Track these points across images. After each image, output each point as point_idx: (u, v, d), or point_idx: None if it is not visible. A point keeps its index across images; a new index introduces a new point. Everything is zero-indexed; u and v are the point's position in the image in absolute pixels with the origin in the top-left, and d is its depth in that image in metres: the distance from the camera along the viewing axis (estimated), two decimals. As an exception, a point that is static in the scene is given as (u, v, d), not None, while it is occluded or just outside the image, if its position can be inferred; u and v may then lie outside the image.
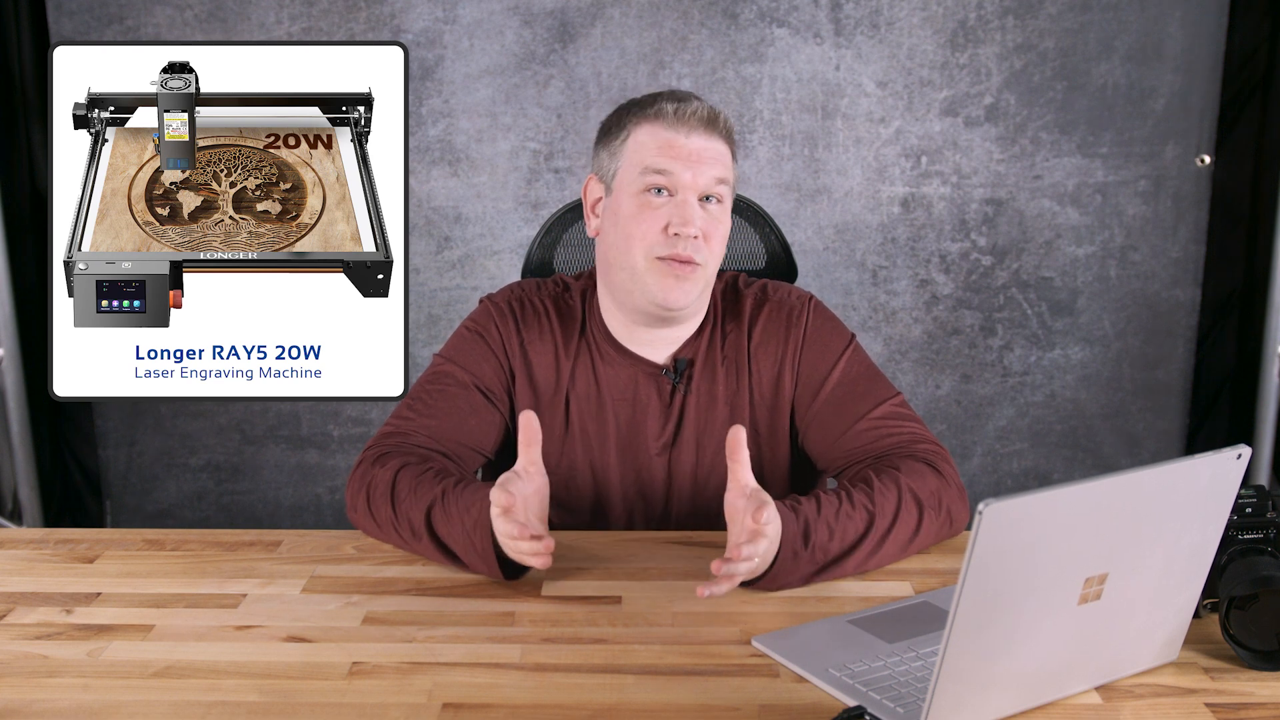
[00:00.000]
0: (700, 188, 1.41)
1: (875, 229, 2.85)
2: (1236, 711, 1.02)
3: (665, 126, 1.42)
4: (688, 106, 1.42)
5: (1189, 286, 2.88)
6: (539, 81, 2.79)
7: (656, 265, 1.41)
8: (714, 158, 1.42)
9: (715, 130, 1.43)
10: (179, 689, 1.07)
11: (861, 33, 2.77)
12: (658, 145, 1.42)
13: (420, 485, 1.33)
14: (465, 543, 1.27)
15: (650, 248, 1.41)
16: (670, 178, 1.41)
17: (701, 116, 1.42)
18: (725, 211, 1.45)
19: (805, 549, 1.24)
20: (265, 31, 2.76)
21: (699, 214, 1.41)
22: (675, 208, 1.41)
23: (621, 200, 1.44)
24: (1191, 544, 1.02)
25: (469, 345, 1.51)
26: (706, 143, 1.42)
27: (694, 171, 1.41)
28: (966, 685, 0.93)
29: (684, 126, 1.42)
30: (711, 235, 1.42)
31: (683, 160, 1.41)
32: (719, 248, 1.44)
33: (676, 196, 1.41)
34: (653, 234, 1.41)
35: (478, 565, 1.28)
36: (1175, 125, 2.80)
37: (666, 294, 1.41)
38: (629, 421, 1.49)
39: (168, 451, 2.97)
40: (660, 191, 1.42)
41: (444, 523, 1.29)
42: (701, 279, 1.43)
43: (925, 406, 2.92)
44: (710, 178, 1.41)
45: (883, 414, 1.45)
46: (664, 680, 1.08)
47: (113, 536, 1.45)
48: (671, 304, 1.42)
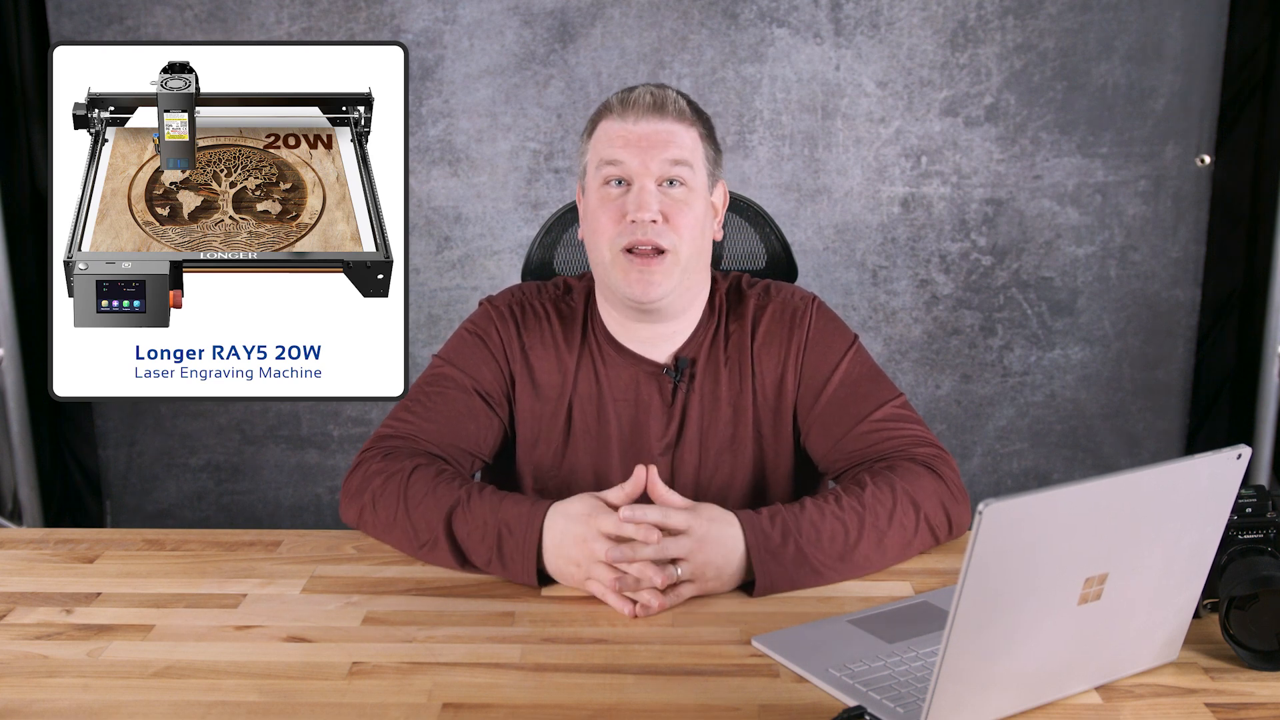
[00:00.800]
0: (655, 172, 1.41)
1: (875, 229, 2.85)
2: (1236, 711, 1.02)
3: (615, 118, 1.43)
4: (632, 94, 1.44)
5: (1189, 286, 2.88)
6: (539, 81, 2.79)
7: (621, 259, 1.42)
8: (665, 140, 1.42)
9: (664, 113, 1.42)
10: (179, 689, 1.07)
11: (861, 33, 2.77)
12: (609, 137, 1.43)
13: (439, 486, 1.33)
14: (493, 546, 1.27)
15: (613, 240, 1.42)
16: (622, 166, 1.42)
17: (647, 103, 1.42)
18: (692, 194, 1.43)
19: (784, 545, 1.24)
20: (265, 31, 2.76)
21: (655, 197, 1.41)
22: (631, 195, 1.41)
23: (589, 198, 1.46)
24: (1191, 544, 1.02)
25: (469, 348, 1.51)
26: (655, 125, 1.42)
27: (643, 157, 1.41)
28: (966, 685, 0.93)
29: (630, 114, 1.42)
30: (674, 216, 1.41)
31: (632, 147, 1.41)
32: (689, 230, 1.42)
33: (634, 185, 1.42)
34: (613, 225, 1.42)
35: (497, 569, 1.28)
36: (1175, 125, 2.80)
37: (632, 288, 1.41)
38: (631, 422, 1.49)
39: (168, 451, 2.97)
40: (619, 183, 1.43)
41: (465, 524, 1.29)
42: (673, 267, 1.42)
43: (925, 407, 2.92)
44: (663, 160, 1.41)
45: (884, 415, 1.44)
46: (664, 680, 1.08)
47: (113, 536, 1.45)
48: (641, 298, 1.42)
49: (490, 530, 1.27)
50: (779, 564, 1.24)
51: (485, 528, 1.28)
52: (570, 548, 1.24)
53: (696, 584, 1.23)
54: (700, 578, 1.23)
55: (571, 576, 1.25)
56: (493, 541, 1.27)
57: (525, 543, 1.25)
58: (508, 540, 1.26)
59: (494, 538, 1.27)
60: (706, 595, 1.25)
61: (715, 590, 1.25)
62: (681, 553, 1.22)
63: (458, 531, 1.29)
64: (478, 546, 1.28)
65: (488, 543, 1.27)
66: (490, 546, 1.27)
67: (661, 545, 1.21)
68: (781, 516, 1.26)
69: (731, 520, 1.25)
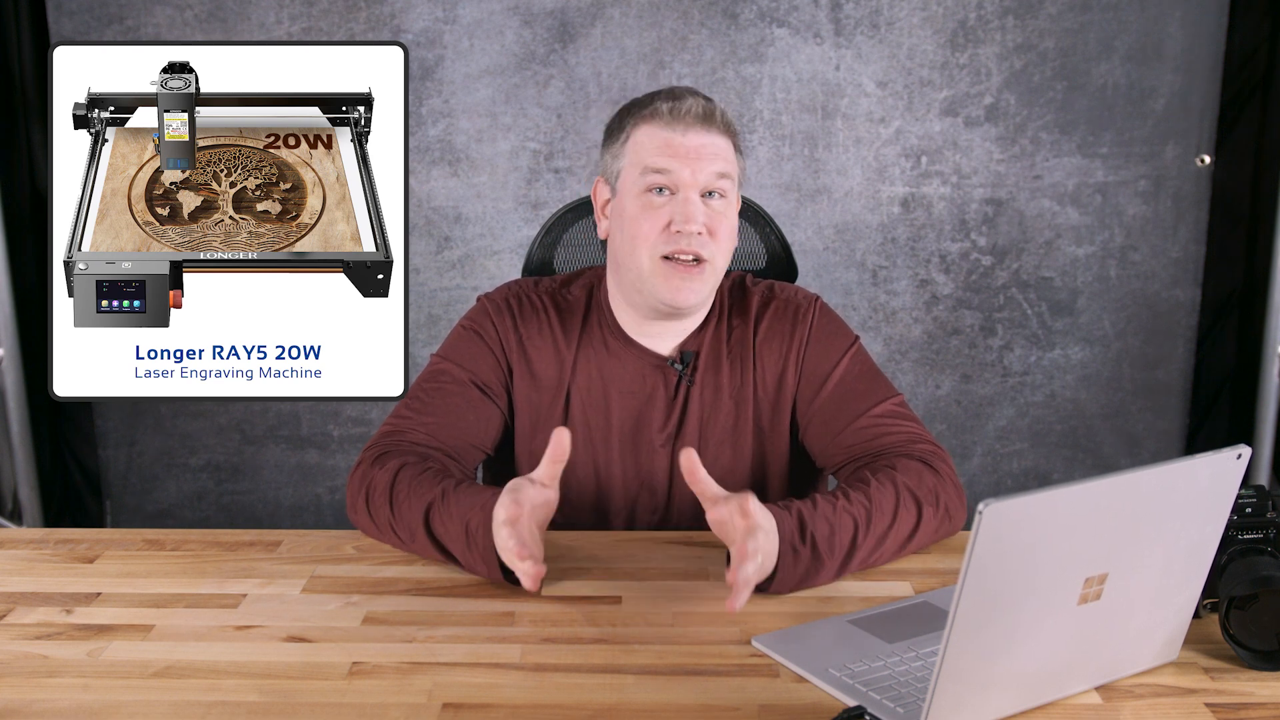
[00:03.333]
0: (701, 184, 1.42)
1: (875, 229, 2.85)
2: (1236, 711, 1.02)
3: (662, 125, 1.43)
4: (682, 104, 1.43)
5: (1189, 286, 2.88)
6: (539, 81, 2.79)
7: (662, 266, 1.42)
8: (713, 153, 1.42)
9: (712, 125, 1.43)
10: (179, 689, 1.07)
11: (861, 33, 2.77)
12: (656, 145, 1.43)
13: (419, 485, 1.33)
14: (463, 544, 1.27)
15: (654, 247, 1.42)
16: (670, 176, 1.42)
17: (697, 113, 1.42)
18: (730, 205, 1.46)
19: (804, 544, 1.24)
20: (265, 31, 2.76)
21: (701, 210, 1.41)
22: (677, 205, 1.41)
23: (625, 202, 1.45)
24: (1191, 544, 1.02)
25: (465, 343, 1.52)
26: (704, 138, 1.42)
27: (693, 169, 1.41)
28: (966, 685, 0.93)
29: (680, 124, 1.42)
30: (716, 230, 1.43)
31: (681, 158, 1.41)
32: (726, 242, 1.45)
33: (678, 195, 1.42)
34: (655, 233, 1.42)
35: (476, 566, 1.27)
36: (1175, 125, 2.80)
37: (674, 294, 1.42)
38: (633, 413, 1.50)
39: (168, 451, 2.97)
40: (662, 191, 1.42)
41: (442, 522, 1.29)
42: (710, 275, 1.44)
43: (925, 406, 2.92)
44: (710, 173, 1.42)
45: (882, 412, 1.45)
46: (664, 680, 1.08)
47: (113, 536, 1.45)
48: (680, 303, 1.43)
49: (460, 528, 1.27)
50: (798, 561, 1.24)
51: (458, 525, 1.27)
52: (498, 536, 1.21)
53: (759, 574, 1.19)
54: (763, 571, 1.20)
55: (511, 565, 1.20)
56: (463, 539, 1.26)
57: (484, 538, 1.24)
58: (474, 537, 1.25)
59: (463, 535, 1.26)
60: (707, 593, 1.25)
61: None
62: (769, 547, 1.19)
63: (436, 530, 1.30)
64: (455, 544, 1.28)
65: (461, 541, 1.27)
66: (463, 544, 1.27)
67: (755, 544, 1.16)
68: (797, 510, 1.25)
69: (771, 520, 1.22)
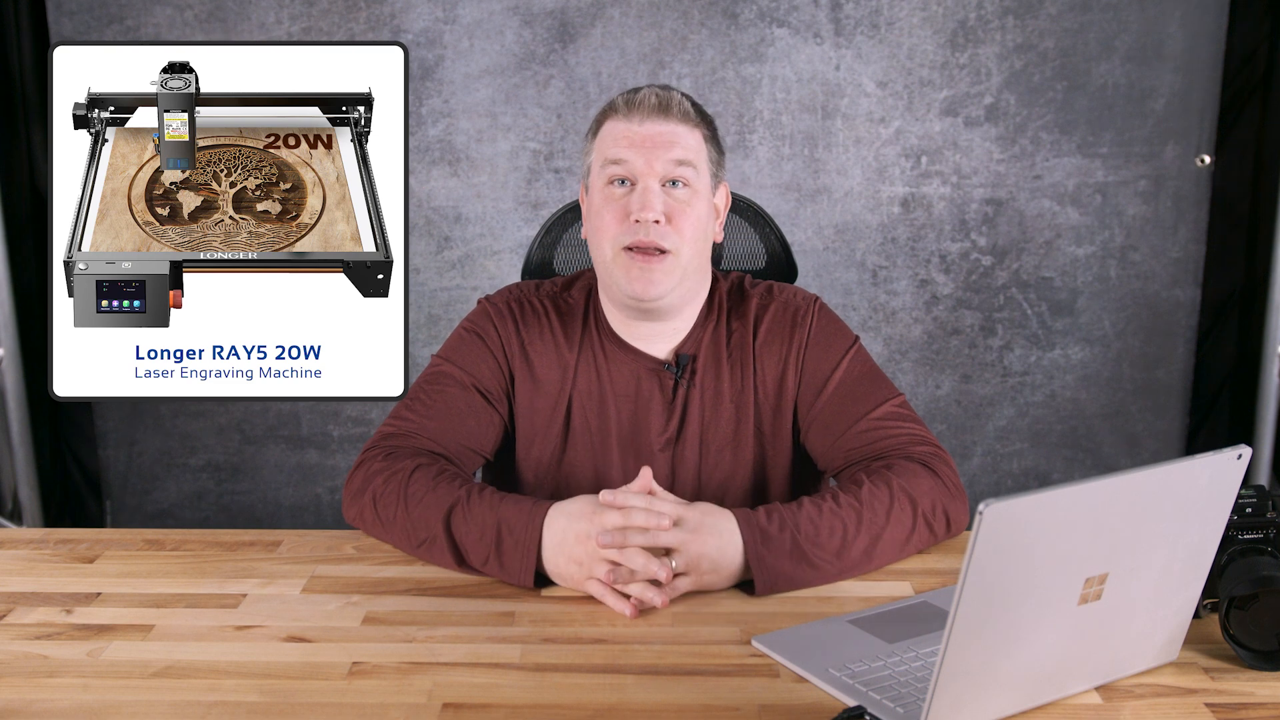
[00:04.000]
0: (659, 172, 1.42)
1: (875, 229, 2.85)
2: (1236, 711, 1.02)
3: (620, 118, 1.45)
4: (638, 95, 1.45)
5: (1189, 286, 2.88)
6: (539, 81, 2.79)
7: (623, 257, 1.43)
8: (670, 140, 1.42)
9: (669, 114, 1.43)
10: (179, 689, 1.07)
11: (861, 33, 2.77)
12: (614, 137, 1.44)
13: (440, 485, 1.33)
14: (488, 546, 1.27)
15: (616, 239, 1.43)
16: (627, 166, 1.43)
17: (652, 104, 1.43)
18: (695, 195, 1.44)
19: (781, 541, 1.24)
20: (265, 31, 2.76)
21: (660, 198, 1.41)
22: (635, 195, 1.42)
23: (593, 197, 1.47)
24: (1191, 544, 1.02)
25: (467, 346, 1.52)
26: (660, 127, 1.43)
27: (648, 157, 1.42)
28: (966, 685, 0.93)
29: (636, 115, 1.43)
30: (677, 217, 1.42)
31: (637, 147, 1.42)
32: (690, 231, 1.43)
33: (638, 185, 1.42)
34: (616, 224, 1.43)
35: (494, 569, 1.28)
36: (1175, 125, 2.80)
37: (633, 285, 1.42)
38: (631, 418, 1.50)
39: (168, 451, 2.97)
40: (623, 183, 1.44)
41: (464, 523, 1.29)
42: (674, 267, 1.43)
43: (925, 406, 2.92)
44: (667, 160, 1.42)
45: (883, 414, 1.45)
46: (664, 680, 1.08)
47: (113, 536, 1.45)
48: (641, 295, 1.43)
49: (489, 529, 1.27)
50: (776, 558, 1.24)
51: (484, 527, 1.27)
52: (572, 546, 1.24)
53: (693, 577, 1.24)
54: (696, 570, 1.23)
55: (572, 577, 1.25)
56: (491, 540, 1.27)
57: (525, 542, 1.25)
58: (507, 539, 1.26)
59: (493, 537, 1.27)
60: (706, 591, 1.25)
61: (713, 585, 1.25)
62: (674, 543, 1.23)
63: (456, 530, 1.29)
64: (476, 546, 1.28)
65: (486, 542, 1.27)
66: (489, 546, 1.27)
67: (652, 534, 1.22)
68: (778, 513, 1.27)
69: (726, 514, 1.25)
